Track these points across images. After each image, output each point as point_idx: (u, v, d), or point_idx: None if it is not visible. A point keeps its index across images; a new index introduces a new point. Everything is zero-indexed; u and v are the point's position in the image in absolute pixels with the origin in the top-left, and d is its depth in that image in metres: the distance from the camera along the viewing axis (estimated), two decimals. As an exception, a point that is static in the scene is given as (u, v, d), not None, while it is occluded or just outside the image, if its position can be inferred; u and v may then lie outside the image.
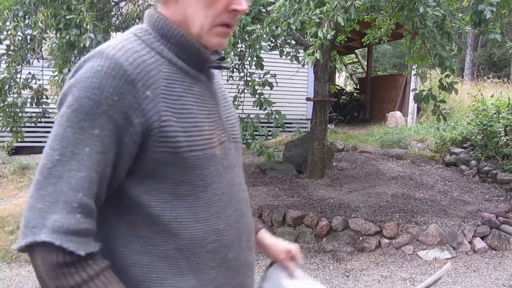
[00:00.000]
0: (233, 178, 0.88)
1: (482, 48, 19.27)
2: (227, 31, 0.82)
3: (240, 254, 0.88)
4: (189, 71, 0.82)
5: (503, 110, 5.91)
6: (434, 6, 3.04)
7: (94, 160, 0.70)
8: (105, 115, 0.70)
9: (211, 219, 0.81)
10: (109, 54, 0.73)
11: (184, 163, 0.76)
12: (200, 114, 0.81)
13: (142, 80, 0.73)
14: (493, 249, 3.78)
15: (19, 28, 3.79)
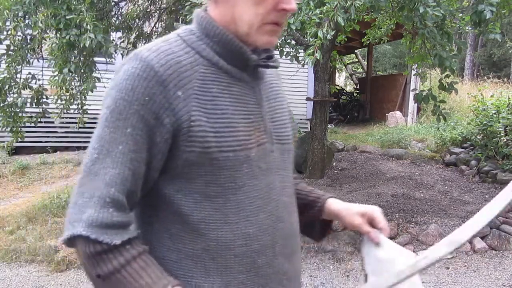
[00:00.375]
0: (273, 181, 0.84)
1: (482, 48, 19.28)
2: (276, 29, 0.81)
3: (274, 261, 0.83)
4: (230, 70, 0.81)
5: (503, 110, 5.90)
6: (434, 6, 3.04)
7: (127, 158, 0.73)
8: (137, 115, 0.73)
9: (241, 223, 0.79)
10: (143, 56, 0.75)
11: (213, 164, 0.76)
12: (235, 115, 0.79)
13: (174, 81, 0.74)
14: (493, 249, 3.78)
15: (19, 28, 3.79)
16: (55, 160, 6.68)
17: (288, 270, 0.87)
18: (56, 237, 3.74)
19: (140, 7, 5.89)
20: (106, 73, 5.08)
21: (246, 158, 0.78)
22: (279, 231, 0.84)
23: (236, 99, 0.80)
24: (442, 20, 3.27)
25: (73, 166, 6.39)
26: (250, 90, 0.83)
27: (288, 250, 0.87)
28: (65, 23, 3.58)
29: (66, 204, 4.46)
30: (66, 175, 5.99)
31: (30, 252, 3.52)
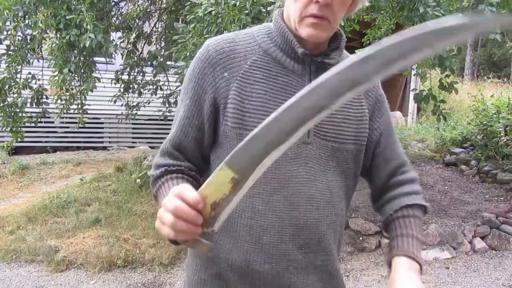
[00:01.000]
0: (297, 170, 0.87)
1: (482, 48, 19.28)
2: (315, 22, 0.83)
3: (280, 245, 0.88)
4: (284, 61, 0.89)
5: (503, 110, 5.90)
6: (434, 6, 3.04)
7: (182, 122, 0.93)
8: (192, 90, 0.91)
9: (254, 198, 0.87)
10: (206, 43, 0.92)
11: (239, 139, 0.84)
12: (272, 100, 0.86)
13: (223, 63, 0.89)
14: (493, 249, 3.78)
15: (19, 28, 3.79)
16: (55, 160, 6.68)
17: (299, 260, 0.89)
18: (56, 237, 3.74)
19: (140, 7, 5.89)
20: (106, 73, 5.10)
21: None
22: (291, 219, 0.87)
23: (280, 88, 0.88)
24: (442, 20, 3.26)
25: (73, 166, 6.38)
26: (300, 82, 0.88)
27: (301, 240, 0.89)
28: (65, 23, 3.58)
29: (66, 204, 4.47)
30: (66, 175, 5.99)
31: (30, 252, 3.52)
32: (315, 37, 0.85)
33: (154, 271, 3.33)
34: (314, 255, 0.91)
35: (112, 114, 6.88)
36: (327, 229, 0.91)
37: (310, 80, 0.88)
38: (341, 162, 0.92)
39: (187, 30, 3.48)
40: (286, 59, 0.89)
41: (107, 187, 5.07)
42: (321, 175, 0.90)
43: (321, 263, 0.93)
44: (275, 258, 0.88)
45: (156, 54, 5.26)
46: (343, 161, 0.93)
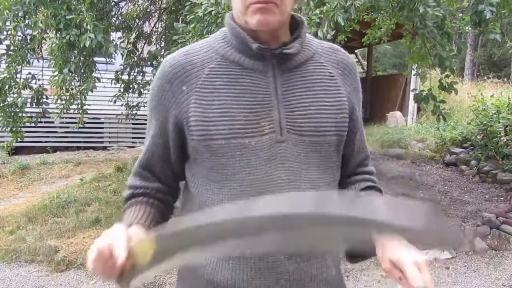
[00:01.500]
0: (274, 172, 0.81)
1: (482, 48, 19.28)
2: (260, 7, 0.78)
3: (267, 257, 0.81)
4: (243, 62, 0.85)
5: (503, 110, 5.90)
6: (434, 6, 3.04)
7: (149, 142, 0.91)
8: (155, 109, 0.88)
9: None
10: (163, 60, 0.90)
11: (209, 151, 0.82)
12: (235, 105, 0.82)
13: (180, 77, 0.85)
14: (493, 249, 3.78)
15: (19, 28, 3.79)
16: (55, 160, 6.68)
17: (291, 271, 0.82)
18: (56, 237, 3.74)
19: (140, 7, 5.89)
20: (106, 73, 5.10)
21: (240, 146, 0.80)
22: None
23: (242, 89, 0.83)
24: (442, 20, 3.27)
25: (73, 166, 6.38)
26: (263, 80, 0.84)
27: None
28: (65, 23, 3.58)
29: (66, 204, 4.47)
30: (66, 175, 5.99)
31: (30, 252, 3.52)
32: (264, 23, 0.79)
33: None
34: (307, 263, 0.84)
35: (112, 114, 6.88)
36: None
37: (274, 76, 0.84)
38: (324, 157, 0.86)
39: (187, 30, 3.48)
40: (245, 59, 0.85)
41: (107, 187, 5.07)
42: (302, 174, 0.83)
43: (317, 272, 0.85)
44: (263, 273, 0.81)
45: (156, 54, 5.26)
46: (326, 155, 0.86)
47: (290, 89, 0.85)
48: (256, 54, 0.84)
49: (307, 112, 0.84)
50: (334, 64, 0.91)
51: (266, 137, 0.81)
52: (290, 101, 0.84)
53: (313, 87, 0.87)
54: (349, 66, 0.93)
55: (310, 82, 0.87)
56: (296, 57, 0.86)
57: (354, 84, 0.93)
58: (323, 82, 0.88)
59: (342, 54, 0.94)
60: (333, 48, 0.94)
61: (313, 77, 0.87)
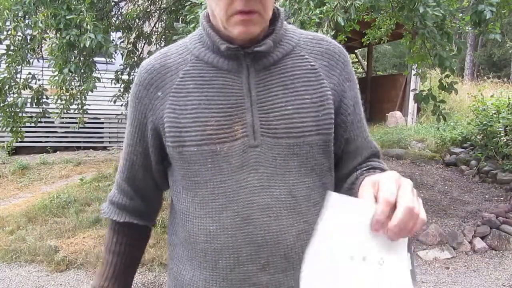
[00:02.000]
0: (246, 179, 0.77)
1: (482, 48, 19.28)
2: (244, 18, 0.73)
3: (238, 268, 0.77)
4: (216, 63, 0.80)
5: (503, 110, 5.90)
6: (434, 6, 3.04)
7: (126, 151, 0.88)
8: (132, 115, 0.86)
9: (205, 218, 0.79)
10: (141, 64, 0.87)
11: (182, 158, 0.79)
12: (208, 109, 0.78)
13: (155, 83, 0.82)
14: (493, 249, 3.78)
15: (19, 28, 3.79)
16: (55, 160, 6.68)
17: (265, 283, 0.77)
18: (56, 237, 3.74)
19: (140, 7, 5.89)
20: (106, 73, 5.10)
21: (211, 152, 0.77)
22: (246, 236, 0.76)
23: (216, 92, 0.79)
24: (442, 20, 3.27)
25: (73, 166, 6.39)
26: (236, 81, 0.79)
27: (263, 260, 0.76)
28: (65, 23, 3.58)
29: (66, 204, 4.47)
30: (66, 175, 5.99)
31: (30, 252, 3.52)
32: (247, 34, 0.75)
33: (154, 271, 3.33)
34: (283, 275, 0.77)
35: (112, 114, 6.88)
36: (295, 241, 0.77)
37: (248, 75, 0.79)
38: (305, 159, 0.79)
39: (187, 30, 3.48)
40: (219, 59, 0.80)
41: (107, 187, 5.07)
42: (277, 180, 0.77)
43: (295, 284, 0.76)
44: (235, 284, 0.77)
45: (156, 54, 5.26)
46: (308, 157, 0.79)
47: (265, 89, 0.79)
48: (229, 54, 0.79)
49: (284, 112, 0.78)
50: (318, 56, 0.84)
51: (239, 142, 0.77)
52: (265, 102, 0.79)
53: (292, 84, 0.80)
54: (335, 56, 0.85)
55: (288, 79, 0.81)
56: (273, 54, 0.81)
57: (344, 74, 0.85)
58: (303, 77, 0.81)
59: (327, 43, 0.86)
60: (317, 38, 0.86)
61: (292, 72, 0.81)
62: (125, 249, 0.94)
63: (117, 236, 0.93)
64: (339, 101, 0.84)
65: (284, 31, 0.84)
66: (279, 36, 0.82)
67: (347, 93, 0.85)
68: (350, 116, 0.85)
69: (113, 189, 0.94)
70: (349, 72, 0.86)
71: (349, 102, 0.85)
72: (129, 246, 0.94)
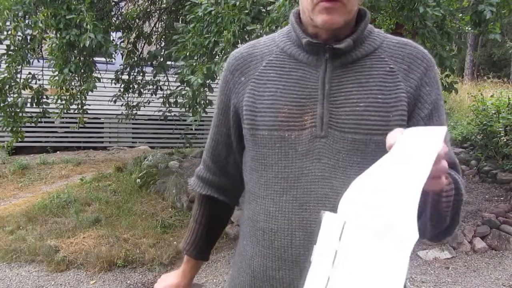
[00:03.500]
0: (309, 167, 0.81)
1: (482, 48, 19.27)
2: (328, 6, 0.78)
3: (291, 249, 0.82)
4: (297, 55, 0.86)
5: (503, 110, 5.90)
6: (434, 6, 3.04)
7: (213, 131, 0.98)
8: (219, 98, 0.95)
9: (267, 199, 0.85)
10: (231, 52, 0.95)
11: (253, 140, 0.86)
12: (283, 97, 0.84)
13: (241, 69, 0.90)
14: (493, 249, 3.78)
15: (19, 28, 3.79)
16: (55, 160, 6.68)
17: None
18: (56, 237, 3.74)
19: (140, 7, 5.89)
20: (106, 73, 5.10)
21: (280, 138, 0.82)
22: (301, 221, 0.81)
23: (293, 83, 0.84)
24: (442, 20, 3.26)
25: (73, 166, 6.38)
26: (313, 74, 0.84)
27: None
28: (65, 23, 3.58)
29: (66, 204, 4.47)
30: (66, 175, 5.99)
31: (30, 252, 3.52)
32: (330, 23, 0.79)
33: (154, 271, 3.33)
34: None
35: (112, 114, 6.87)
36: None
37: (326, 70, 0.83)
38: (369, 156, 0.79)
39: (187, 30, 3.48)
40: (301, 53, 0.86)
41: (107, 187, 5.07)
42: (338, 172, 0.80)
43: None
44: (288, 265, 0.83)
45: (156, 54, 5.26)
46: (373, 155, 0.77)
47: (339, 84, 0.82)
48: (311, 49, 0.84)
49: (354, 109, 0.81)
50: (398, 59, 0.85)
51: (306, 132, 0.81)
52: (337, 96, 0.82)
53: (367, 83, 0.82)
54: (417, 61, 0.85)
55: (364, 77, 0.83)
56: (353, 53, 0.84)
57: (425, 79, 0.84)
58: (380, 78, 0.83)
59: (412, 48, 0.86)
60: (402, 42, 0.88)
61: (369, 72, 0.83)
62: (206, 220, 1.04)
63: (200, 207, 1.05)
64: (414, 105, 0.83)
65: (368, 33, 0.87)
66: (361, 37, 0.85)
67: (424, 98, 0.84)
68: (423, 121, 0.83)
69: (200, 165, 1.05)
70: (431, 78, 0.85)
71: (425, 106, 0.84)
72: (209, 218, 1.05)
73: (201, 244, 1.05)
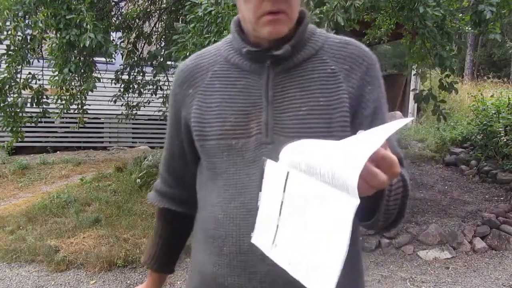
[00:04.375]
0: (256, 173, 0.81)
1: (482, 48, 19.27)
2: (272, 18, 0.78)
3: (240, 255, 0.82)
4: (241, 64, 0.87)
5: (503, 110, 5.90)
6: (434, 6, 3.04)
7: (168, 143, 0.99)
8: (171, 111, 0.96)
9: (216, 207, 0.86)
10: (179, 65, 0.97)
11: (204, 150, 0.88)
12: (229, 107, 0.85)
13: (188, 81, 0.91)
14: (493, 249, 3.78)
15: (19, 28, 3.79)
16: (55, 160, 6.68)
17: (263, 273, 0.81)
18: (56, 237, 3.74)
19: (140, 7, 5.89)
20: (106, 73, 5.09)
21: (228, 146, 0.84)
22: (248, 226, 0.79)
23: (238, 92, 0.86)
24: (442, 20, 3.27)
25: (73, 166, 6.38)
26: (257, 82, 0.85)
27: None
28: (65, 23, 3.58)
29: (66, 204, 4.47)
30: (66, 175, 5.99)
31: (30, 252, 3.52)
32: (276, 34, 0.80)
33: (154, 271, 3.33)
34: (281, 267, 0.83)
35: (112, 114, 6.88)
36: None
37: (268, 76, 0.84)
38: None
39: (187, 30, 3.48)
40: (244, 61, 0.86)
41: (107, 187, 5.07)
42: None
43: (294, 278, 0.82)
44: (237, 271, 0.83)
45: (156, 54, 5.27)
46: None
47: (282, 90, 0.83)
48: (253, 57, 0.85)
49: (297, 113, 0.82)
50: (340, 59, 0.85)
51: (253, 139, 0.82)
52: (281, 102, 0.83)
53: (308, 87, 0.83)
54: (359, 60, 0.86)
55: (306, 81, 0.84)
56: (294, 57, 0.84)
57: (366, 77, 0.85)
58: (321, 80, 0.84)
59: (353, 47, 0.87)
60: (343, 41, 0.88)
61: (311, 75, 0.84)
62: (166, 234, 1.05)
63: (159, 221, 1.06)
64: (357, 104, 0.84)
65: (310, 35, 0.87)
66: (301, 40, 0.85)
67: (367, 97, 0.85)
68: (367, 120, 0.84)
69: (158, 179, 1.06)
70: (372, 76, 0.86)
71: (368, 105, 0.85)
72: (170, 231, 1.06)
73: (162, 257, 1.06)
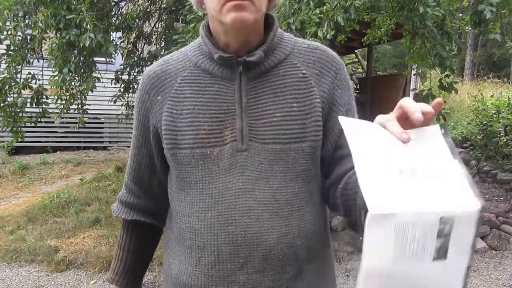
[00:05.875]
0: (232, 181, 0.80)
1: (482, 48, 19.27)
2: (236, 3, 0.75)
3: (218, 265, 0.81)
4: (212, 70, 0.85)
5: (503, 110, 5.90)
6: (434, 6, 3.04)
7: (134, 153, 0.95)
8: (137, 119, 0.91)
9: (192, 217, 0.84)
10: (144, 71, 0.92)
11: (176, 159, 0.84)
12: (202, 114, 0.82)
13: (156, 88, 0.87)
14: (493, 249, 3.78)
15: (19, 28, 3.78)
16: (55, 160, 6.69)
17: (242, 281, 0.81)
18: (56, 237, 3.74)
19: (140, 7, 5.89)
20: (106, 73, 5.09)
21: (202, 155, 0.81)
22: (227, 235, 0.80)
23: (210, 98, 0.83)
24: (442, 20, 3.27)
25: (73, 166, 6.39)
26: (230, 88, 0.83)
27: (241, 259, 0.80)
28: (65, 23, 3.58)
29: (66, 204, 4.47)
30: (66, 175, 5.99)
31: (30, 252, 3.52)
32: (240, 20, 0.75)
33: (154, 271, 3.33)
34: (261, 275, 0.81)
35: (112, 114, 6.88)
36: (275, 243, 0.80)
37: (241, 82, 0.82)
38: (290, 165, 0.81)
39: (187, 30, 3.48)
40: (215, 67, 0.84)
41: (107, 187, 5.07)
42: (261, 184, 0.80)
43: (273, 285, 0.82)
44: (215, 280, 0.82)
45: (156, 54, 5.26)
46: (294, 163, 0.81)
47: (256, 96, 0.83)
48: (224, 62, 0.83)
49: (272, 119, 0.81)
50: (310, 64, 0.86)
51: (228, 146, 0.81)
52: (255, 109, 0.82)
53: (281, 92, 0.83)
54: (327, 65, 0.87)
55: (278, 87, 0.83)
56: (265, 62, 0.84)
57: (336, 82, 0.86)
58: (293, 85, 0.84)
59: (321, 52, 0.88)
60: (312, 46, 0.88)
61: (283, 81, 0.84)
62: (134, 246, 1.01)
63: (126, 234, 1.01)
64: (329, 108, 0.85)
65: (279, 40, 0.87)
66: (271, 45, 0.85)
67: (338, 101, 0.86)
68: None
69: (122, 189, 1.00)
70: (341, 80, 0.88)
71: (339, 109, 0.86)
72: (138, 244, 1.01)
73: (131, 273, 1.01)
